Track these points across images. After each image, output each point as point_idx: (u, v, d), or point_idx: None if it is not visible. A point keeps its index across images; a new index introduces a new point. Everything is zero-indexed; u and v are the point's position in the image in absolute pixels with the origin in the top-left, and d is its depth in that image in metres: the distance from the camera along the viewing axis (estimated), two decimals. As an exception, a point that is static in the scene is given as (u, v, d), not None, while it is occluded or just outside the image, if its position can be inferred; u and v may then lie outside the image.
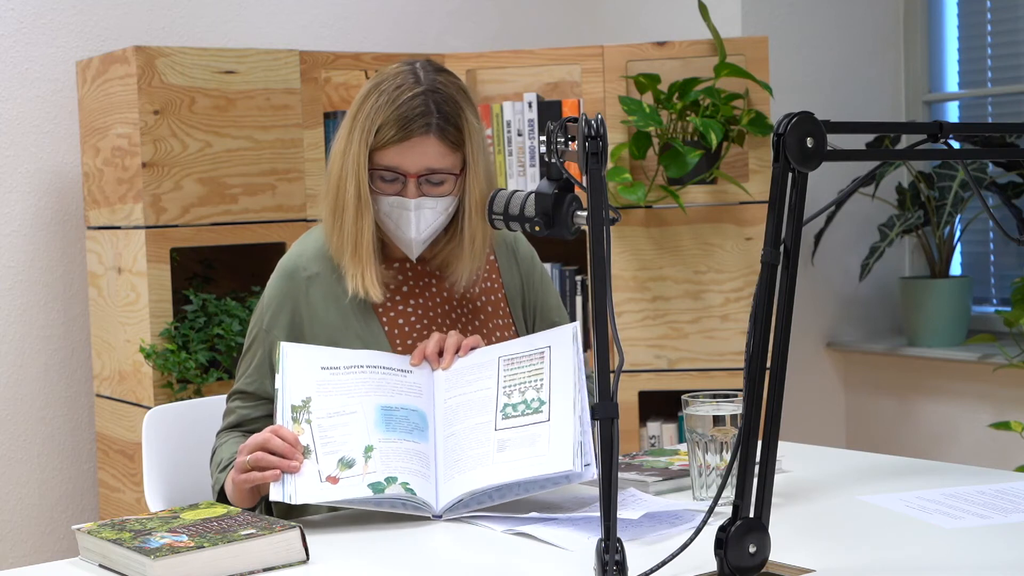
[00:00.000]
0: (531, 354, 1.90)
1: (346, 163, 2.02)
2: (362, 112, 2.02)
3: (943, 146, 1.59)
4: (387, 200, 2.02)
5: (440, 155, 2.01)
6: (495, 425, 1.85)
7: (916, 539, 1.67)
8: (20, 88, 3.47)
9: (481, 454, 1.83)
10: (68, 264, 3.54)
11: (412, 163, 2.00)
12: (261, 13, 3.83)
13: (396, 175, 2.01)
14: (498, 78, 3.66)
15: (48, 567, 1.71)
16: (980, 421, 3.96)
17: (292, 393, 1.87)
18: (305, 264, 2.09)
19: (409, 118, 1.98)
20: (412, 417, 1.88)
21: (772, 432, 1.47)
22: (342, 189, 2.03)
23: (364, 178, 2.00)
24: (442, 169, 2.01)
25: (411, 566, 1.66)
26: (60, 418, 3.54)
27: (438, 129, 1.99)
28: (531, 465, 1.79)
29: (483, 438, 1.84)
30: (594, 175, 1.55)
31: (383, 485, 1.80)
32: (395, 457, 1.83)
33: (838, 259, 4.30)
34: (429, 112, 1.99)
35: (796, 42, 4.17)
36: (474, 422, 1.86)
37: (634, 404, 3.45)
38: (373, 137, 1.99)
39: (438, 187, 2.02)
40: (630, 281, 3.48)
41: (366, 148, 2.00)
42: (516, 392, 1.87)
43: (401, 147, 1.99)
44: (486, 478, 1.81)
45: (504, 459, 1.81)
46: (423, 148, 2.00)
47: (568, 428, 1.80)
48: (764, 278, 1.45)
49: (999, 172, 3.95)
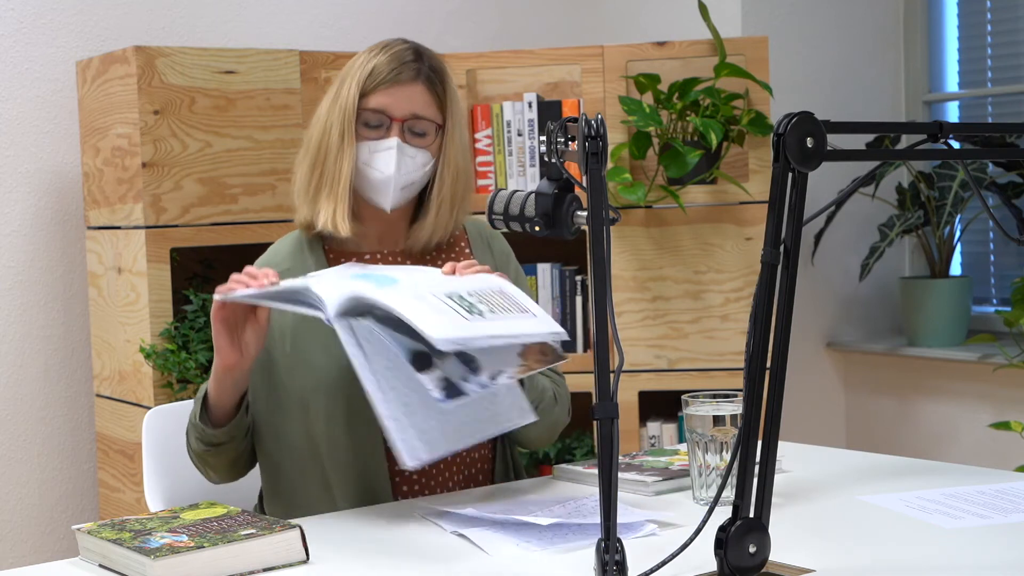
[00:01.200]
0: (518, 303, 1.87)
1: (332, 112, 2.09)
2: (354, 66, 2.11)
3: (943, 146, 1.59)
4: (368, 145, 2.08)
5: (426, 103, 2.09)
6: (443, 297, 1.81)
7: (916, 539, 1.68)
8: (20, 88, 3.47)
9: (427, 294, 1.79)
10: (68, 264, 3.54)
11: (399, 106, 2.08)
12: (261, 13, 3.83)
13: (382, 120, 2.08)
14: (498, 78, 3.66)
15: (48, 567, 1.71)
16: (980, 421, 3.96)
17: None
18: (279, 261, 2.14)
19: (402, 62, 2.08)
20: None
21: (772, 432, 1.47)
22: (325, 138, 2.09)
23: (351, 119, 2.07)
24: (427, 116, 2.09)
25: (411, 566, 1.66)
26: (60, 418, 3.54)
27: (427, 79, 2.09)
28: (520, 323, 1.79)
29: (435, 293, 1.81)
30: (594, 175, 1.55)
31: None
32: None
33: (838, 259, 4.30)
34: (421, 61, 2.10)
35: (796, 42, 4.18)
36: (432, 289, 1.82)
37: (634, 404, 3.45)
38: (365, 79, 2.07)
39: (420, 138, 2.09)
40: (630, 281, 3.48)
41: (357, 90, 2.07)
42: (476, 298, 1.83)
43: (390, 89, 2.07)
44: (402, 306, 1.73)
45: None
46: (411, 92, 2.08)
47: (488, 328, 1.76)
48: (764, 278, 1.45)
49: (999, 172, 3.96)
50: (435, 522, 1.82)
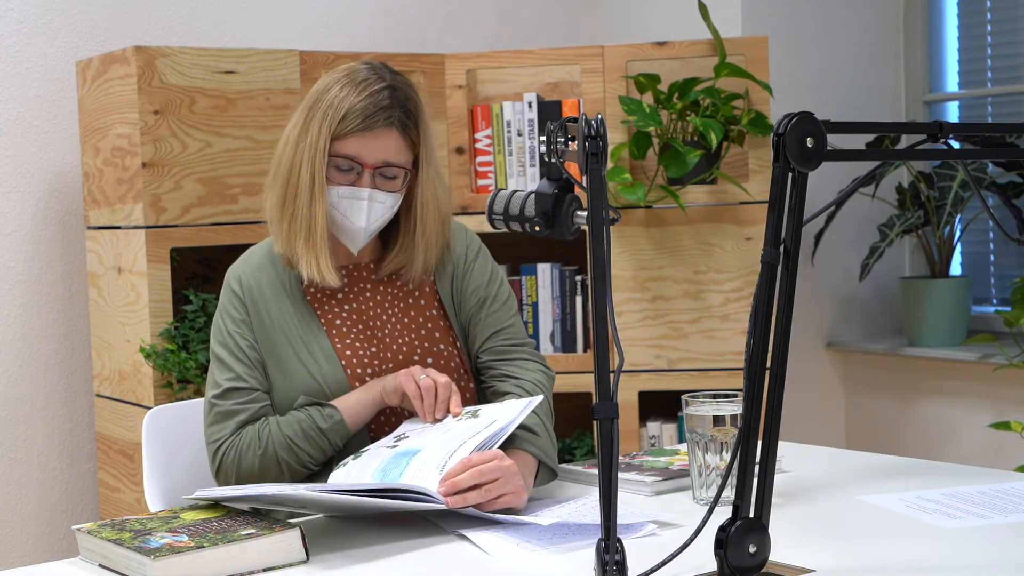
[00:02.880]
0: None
1: (300, 151, 2.04)
2: (324, 101, 2.04)
3: (943, 146, 1.59)
4: (338, 190, 2.05)
5: (398, 150, 2.05)
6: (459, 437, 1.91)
7: (916, 539, 1.68)
8: (20, 88, 3.47)
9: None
10: (68, 264, 3.54)
11: (371, 154, 2.04)
12: (261, 13, 3.83)
13: (352, 165, 2.04)
14: (498, 78, 3.66)
15: (48, 567, 1.71)
16: (980, 421, 3.96)
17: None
18: (251, 271, 2.12)
19: (376, 108, 2.02)
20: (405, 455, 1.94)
21: (772, 432, 1.47)
22: (295, 176, 2.05)
23: (321, 164, 2.03)
24: (398, 163, 2.06)
25: (411, 566, 1.66)
26: (60, 418, 3.54)
27: (400, 124, 2.05)
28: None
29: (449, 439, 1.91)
30: (594, 175, 1.55)
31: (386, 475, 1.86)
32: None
33: (838, 259, 4.30)
34: (394, 106, 2.04)
35: (796, 42, 4.18)
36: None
37: (634, 404, 3.45)
38: (338, 123, 2.02)
39: (390, 181, 2.06)
40: (630, 281, 3.48)
41: (328, 134, 2.02)
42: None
43: (363, 137, 2.03)
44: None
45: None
46: (385, 141, 2.04)
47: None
48: (764, 278, 1.45)
49: (999, 172, 3.96)
50: (435, 522, 1.82)
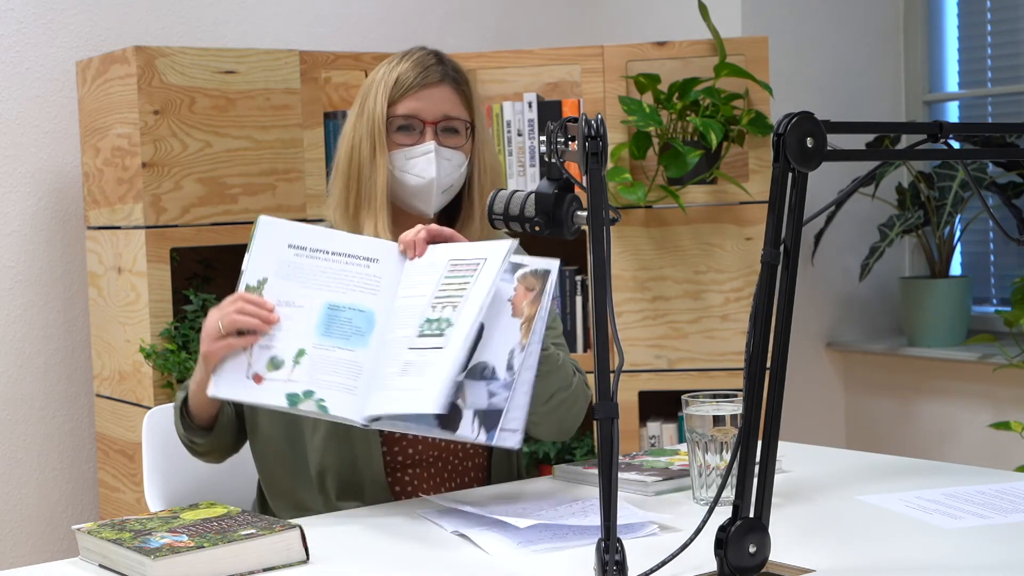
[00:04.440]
0: (469, 263, 1.88)
1: (359, 127, 2.08)
2: (375, 80, 2.10)
3: (943, 146, 1.59)
4: (404, 152, 2.07)
5: (455, 103, 2.10)
6: (411, 342, 1.84)
7: (916, 539, 1.68)
8: (20, 88, 3.47)
9: (387, 375, 1.83)
10: (68, 264, 3.54)
11: (430, 109, 2.08)
12: (261, 13, 3.83)
13: (413, 123, 2.07)
14: (498, 78, 3.66)
15: (48, 567, 1.71)
16: (980, 421, 3.96)
17: (252, 270, 1.88)
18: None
19: (426, 66, 2.09)
20: (356, 319, 1.88)
21: (772, 432, 1.47)
22: (355, 153, 2.08)
23: (381, 130, 2.06)
24: (458, 116, 2.10)
25: (411, 566, 1.66)
26: (60, 418, 3.54)
27: (452, 80, 2.10)
28: (404, 401, 1.80)
29: (396, 355, 1.84)
30: (594, 175, 1.55)
31: (299, 398, 1.82)
32: (323, 368, 1.84)
33: (838, 259, 4.30)
34: (443, 64, 2.11)
35: (796, 42, 4.17)
36: (400, 333, 1.86)
37: (634, 404, 3.45)
38: (392, 87, 2.06)
39: (453, 136, 2.09)
40: (630, 281, 3.48)
41: (385, 100, 2.07)
42: (439, 306, 1.86)
43: (419, 93, 2.07)
44: (375, 405, 1.82)
45: (397, 386, 1.81)
46: (440, 94, 2.09)
47: (451, 364, 1.78)
48: (764, 278, 1.45)
49: (999, 172, 3.95)
50: (435, 522, 1.82)
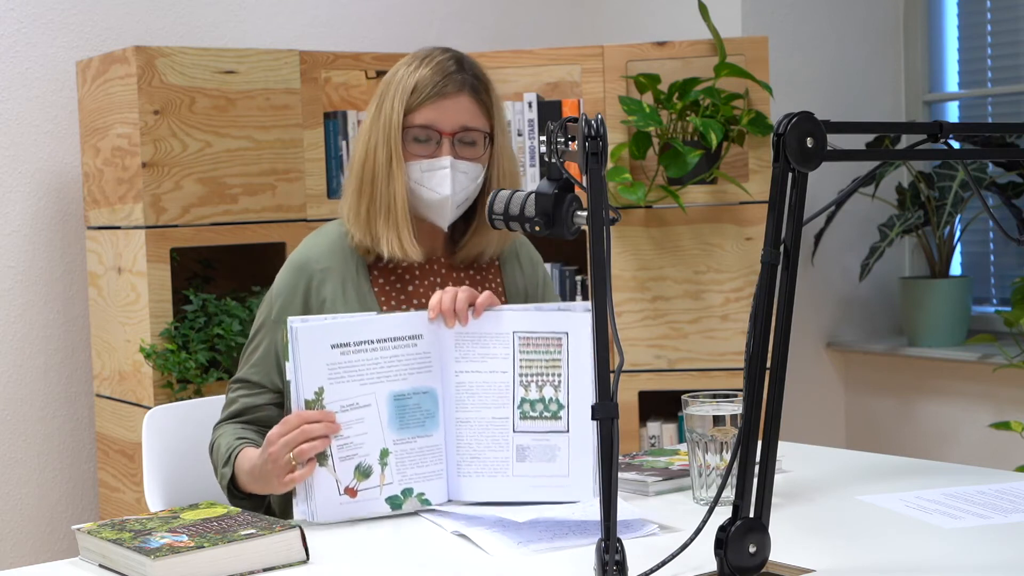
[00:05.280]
0: (548, 338, 1.88)
1: (375, 132, 2.05)
2: (392, 83, 2.06)
3: (943, 146, 1.59)
4: (419, 164, 2.04)
5: (473, 114, 2.06)
6: (513, 424, 1.87)
7: (916, 539, 1.67)
8: (20, 88, 3.47)
9: (500, 459, 1.86)
10: (68, 264, 3.54)
11: (447, 120, 2.04)
12: (261, 13, 3.83)
13: (430, 134, 2.04)
14: (498, 78, 3.62)
15: (48, 567, 1.71)
16: (980, 421, 3.96)
17: (305, 383, 1.84)
18: (317, 258, 2.08)
19: (446, 74, 2.04)
20: (424, 403, 1.89)
21: (772, 432, 1.47)
22: (370, 159, 2.05)
23: (398, 138, 2.03)
24: (476, 127, 2.06)
25: (411, 566, 1.66)
26: (60, 418, 3.54)
27: (472, 88, 2.06)
28: (551, 491, 1.85)
29: (501, 439, 1.87)
30: (594, 175, 1.54)
31: (400, 500, 1.85)
32: (410, 462, 1.86)
33: (838, 259, 4.30)
34: (464, 71, 2.06)
35: (796, 42, 4.17)
36: (491, 415, 1.88)
37: (634, 404, 3.45)
38: (409, 95, 2.03)
39: (470, 148, 2.06)
40: (630, 281, 3.48)
41: (401, 107, 2.03)
42: (533, 385, 1.88)
43: (436, 104, 2.04)
44: (506, 491, 1.85)
45: (524, 472, 1.85)
46: (459, 104, 2.05)
47: (587, 449, 1.84)
48: (764, 278, 1.45)
49: (999, 172, 3.95)
50: (435, 522, 1.82)
